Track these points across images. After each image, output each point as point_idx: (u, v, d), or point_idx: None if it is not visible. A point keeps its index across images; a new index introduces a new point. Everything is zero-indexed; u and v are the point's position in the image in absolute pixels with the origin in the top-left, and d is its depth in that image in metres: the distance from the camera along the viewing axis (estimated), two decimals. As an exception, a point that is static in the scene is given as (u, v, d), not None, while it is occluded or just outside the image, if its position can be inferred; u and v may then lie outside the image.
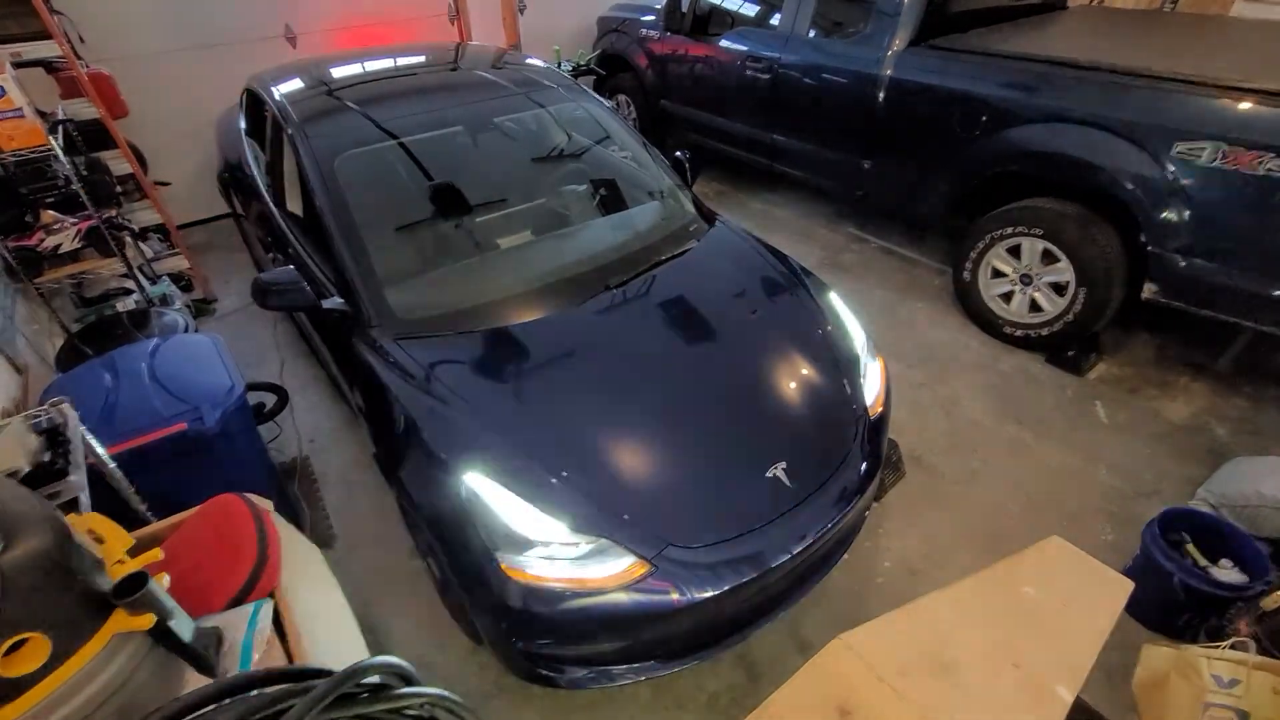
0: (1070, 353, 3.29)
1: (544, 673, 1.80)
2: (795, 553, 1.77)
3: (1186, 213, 2.67)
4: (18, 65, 2.92)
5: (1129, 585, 0.91)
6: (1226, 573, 2.03)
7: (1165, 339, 3.44)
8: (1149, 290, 2.91)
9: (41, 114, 2.77)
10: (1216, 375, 3.22)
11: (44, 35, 3.16)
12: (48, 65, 3.23)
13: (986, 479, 2.73)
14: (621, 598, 1.66)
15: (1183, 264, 2.74)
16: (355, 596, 2.25)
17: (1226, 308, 2.75)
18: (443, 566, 1.94)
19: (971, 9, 3.79)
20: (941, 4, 3.56)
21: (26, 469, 0.88)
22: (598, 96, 3.17)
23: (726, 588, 1.69)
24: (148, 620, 0.66)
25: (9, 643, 0.57)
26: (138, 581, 0.65)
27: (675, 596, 1.67)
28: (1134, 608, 2.20)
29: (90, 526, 0.74)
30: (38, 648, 0.58)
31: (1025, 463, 2.79)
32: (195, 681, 0.75)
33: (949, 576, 1.44)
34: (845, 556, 2.20)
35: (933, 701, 0.53)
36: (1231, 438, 2.89)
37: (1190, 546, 2.13)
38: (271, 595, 0.88)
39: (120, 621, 0.65)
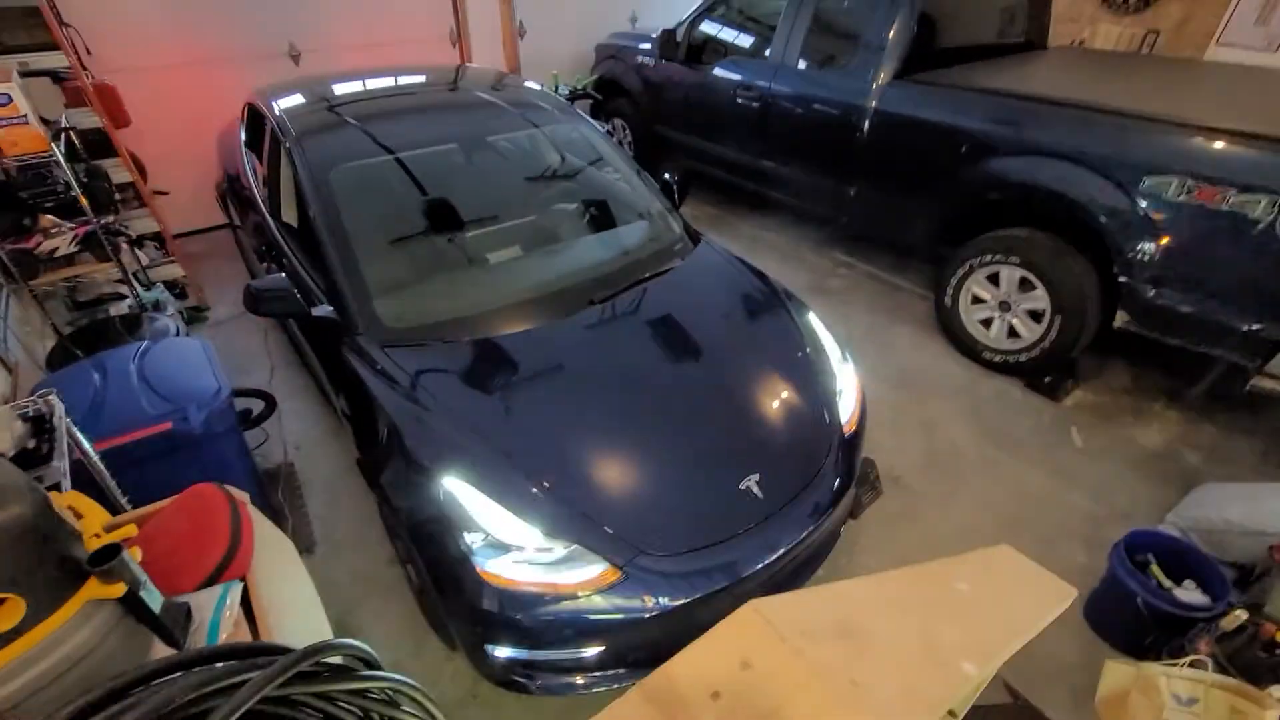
0: (1047, 379, 3.35)
1: (517, 679, 1.82)
2: (766, 563, 1.81)
3: (1155, 245, 2.76)
4: (25, 75, 3.00)
5: (1072, 592, 0.95)
6: (1189, 594, 2.07)
7: (1140, 367, 3.52)
8: (1121, 319, 2.99)
9: (46, 121, 2.83)
10: (1189, 403, 3.29)
11: (52, 46, 3.25)
12: (54, 75, 3.31)
13: (963, 500, 2.77)
14: (594, 603, 1.69)
15: (1152, 294, 2.82)
16: (334, 602, 2.27)
17: (1195, 338, 2.82)
18: (420, 572, 1.96)
19: (955, 46, 3.93)
20: (926, 40, 3.69)
21: (11, 453, 0.92)
22: (590, 120, 3.27)
23: (698, 595, 1.73)
24: (119, 589, 0.69)
25: (-14, 600, 0.60)
26: (111, 552, 0.69)
27: (647, 603, 1.70)
28: (1100, 626, 2.24)
29: (70, 503, 0.78)
30: (14, 608, 0.62)
31: (1001, 485, 2.84)
32: (162, 653, 0.78)
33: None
34: (819, 572, 2.24)
35: (830, 661, 0.56)
36: (1202, 464, 2.95)
37: (1155, 567, 2.17)
38: (243, 580, 0.92)
39: (93, 589, 0.68)
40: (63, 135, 3.01)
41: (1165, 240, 2.74)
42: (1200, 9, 4.70)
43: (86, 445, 1.16)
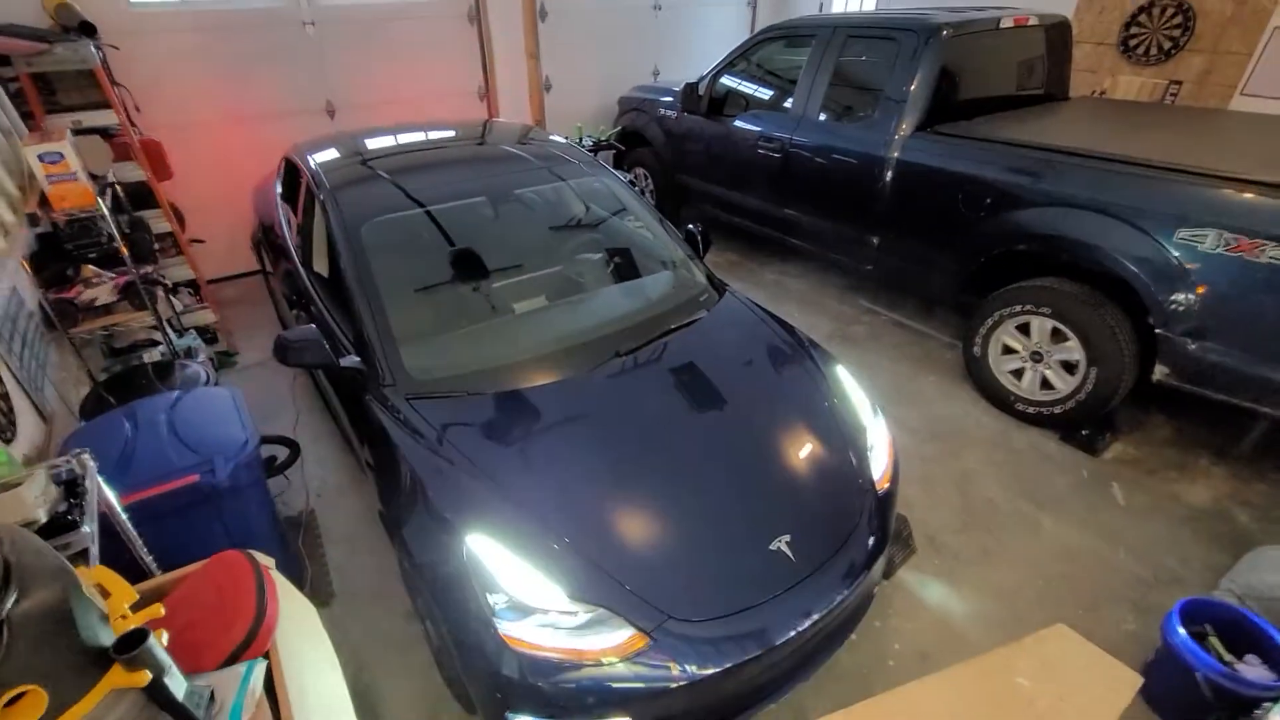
0: (1085, 432, 3.25)
1: (537, 749, 1.74)
2: (800, 630, 1.73)
3: (1193, 297, 2.69)
4: (77, 132, 3.14)
5: (1137, 680, 0.89)
6: (1254, 669, 1.94)
7: (1183, 420, 3.40)
8: (1160, 372, 2.90)
9: (94, 176, 2.95)
10: (1237, 459, 3.16)
11: (105, 105, 3.41)
12: (104, 132, 3.47)
13: (1001, 559, 2.65)
14: (619, 670, 1.62)
15: (1192, 346, 2.74)
16: (351, 658, 2.22)
17: (1239, 392, 2.72)
18: (440, 631, 1.91)
19: (976, 98, 3.97)
20: (947, 93, 3.73)
21: (44, 520, 0.91)
22: (614, 171, 3.32)
23: (728, 665, 1.65)
24: (144, 678, 0.67)
25: (9, 695, 0.58)
26: (138, 638, 0.67)
27: (675, 672, 1.63)
28: (1156, 702, 2.09)
29: (98, 580, 0.76)
30: (36, 701, 0.59)
31: (1041, 544, 2.72)
32: (183, 742, 0.74)
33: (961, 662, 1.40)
34: (853, 637, 2.14)
35: None
36: (1254, 525, 2.81)
37: (1214, 640, 2.04)
38: (266, 655, 0.88)
39: (117, 677, 0.66)
40: (109, 190, 3.12)
41: (1203, 292, 2.67)
42: (1223, 60, 4.72)
43: (116, 505, 1.15)
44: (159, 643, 0.69)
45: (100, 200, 2.83)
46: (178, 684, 0.72)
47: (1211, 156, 2.85)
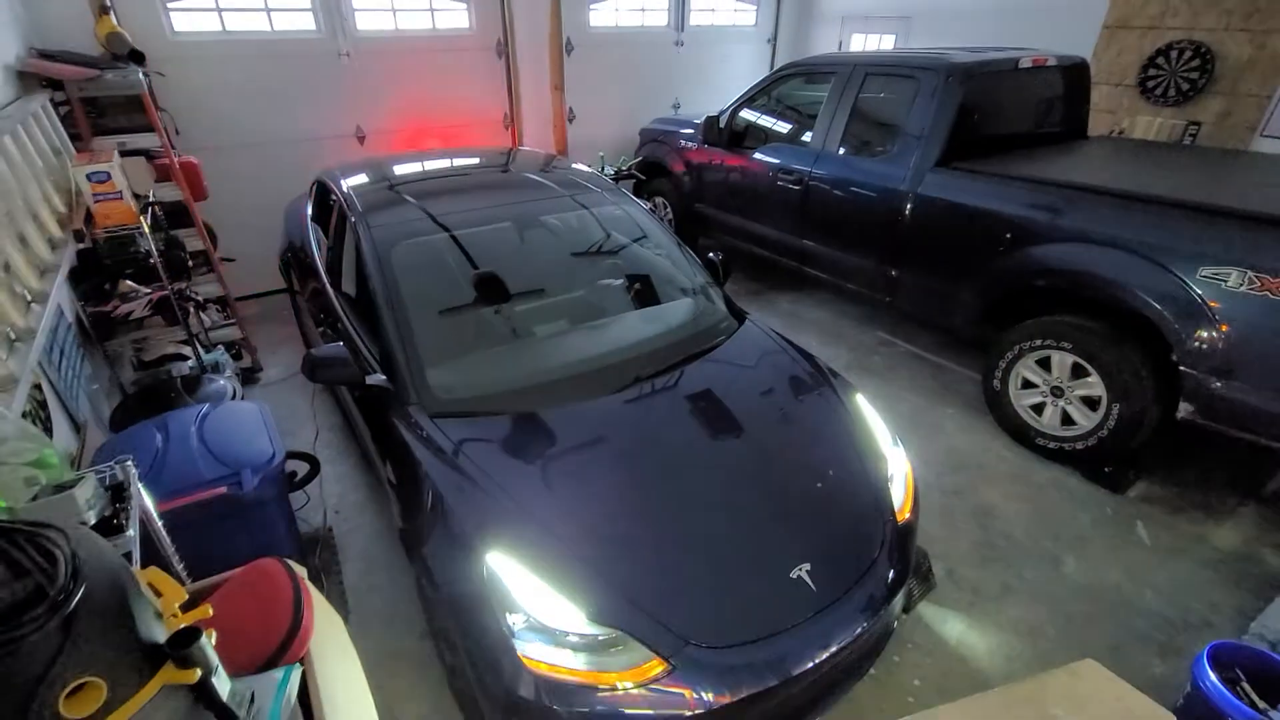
0: (1108, 469, 3.21)
1: (551, 774, 1.71)
2: (819, 661, 1.71)
3: (1217, 335, 2.67)
4: (122, 154, 3.27)
5: (1168, 717, 0.88)
6: (1289, 719, 1.87)
7: (1210, 460, 3.34)
8: (1184, 410, 2.86)
9: (136, 196, 3.06)
10: (1265, 500, 3.10)
11: (148, 128, 3.55)
12: (147, 154, 3.60)
13: (1023, 596, 2.60)
14: (636, 696, 1.61)
15: (1217, 385, 2.72)
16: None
17: (1266, 431, 2.68)
18: (456, 651, 1.91)
19: (994, 135, 4.01)
20: (966, 130, 3.78)
21: (93, 522, 0.94)
22: (636, 199, 3.39)
23: (745, 694, 1.63)
24: (194, 675, 0.68)
25: (72, 684, 0.60)
26: (190, 636, 0.69)
27: (691, 699, 1.61)
28: (1188, 752, 2.03)
29: (150, 580, 0.78)
30: (95, 692, 0.61)
31: (1062, 582, 2.67)
32: (224, 743, 0.75)
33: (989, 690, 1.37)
34: (872, 671, 2.11)
35: None
36: (1285, 569, 2.74)
37: (1245, 686, 1.99)
38: (301, 662, 0.90)
39: (169, 674, 0.68)
40: (149, 209, 3.23)
41: (1227, 330, 2.65)
42: (1242, 102, 4.75)
43: (154, 513, 1.18)
44: (209, 642, 0.71)
45: (141, 219, 2.92)
46: (223, 684, 0.73)
47: (1234, 195, 2.86)
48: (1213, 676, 1.94)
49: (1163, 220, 2.86)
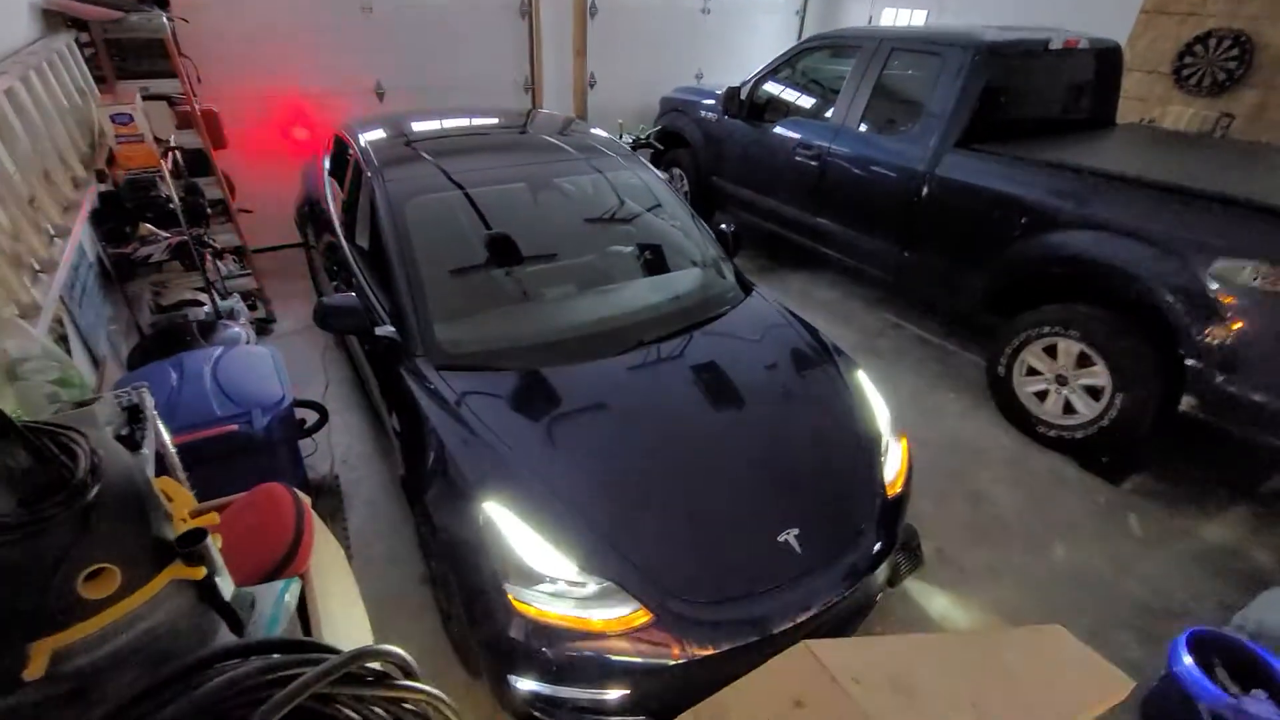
0: (1105, 459, 3.22)
1: (536, 714, 1.80)
2: (799, 621, 1.76)
3: (1226, 330, 2.66)
4: (145, 98, 3.30)
5: (1129, 683, 0.91)
6: (1259, 704, 1.92)
7: (1207, 456, 3.34)
8: (1187, 404, 2.86)
9: (158, 140, 3.09)
10: (1261, 498, 3.10)
11: (171, 74, 3.57)
12: (169, 99, 3.62)
13: (1008, 578, 2.65)
14: (621, 644, 1.67)
15: (1221, 380, 2.71)
16: (363, 615, 2.29)
17: (1267, 430, 2.68)
18: (451, 596, 1.99)
19: (1018, 119, 3.95)
20: (989, 112, 3.72)
21: (112, 438, 0.99)
22: (653, 167, 3.38)
23: (725, 648, 1.69)
24: (200, 572, 0.74)
25: (91, 568, 0.66)
26: (198, 535, 0.74)
27: (674, 650, 1.68)
28: (1156, 731, 2.08)
29: (162, 487, 0.84)
30: (110, 578, 0.67)
31: (1050, 566, 2.71)
32: (226, 639, 0.82)
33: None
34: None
35: (883, 712, 0.55)
36: (1275, 566, 2.76)
37: (1221, 671, 2.03)
38: (300, 577, 0.96)
39: (178, 570, 0.73)
40: (170, 154, 3.27)
41: (1237, 326, 2.64)
42: (1279, 95, 4.62)
43: (167, 438, 1.24)
44: (214, 545, 0.77)
45: (163, 163, 2.97)
46: (226, 585, 0.79)
47: (1256, 188, 2.81)
48: (1188, 659, 1.98)
49: (1181, 211, 2.83)
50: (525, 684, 1.76)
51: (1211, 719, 1.90)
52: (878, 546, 2.00)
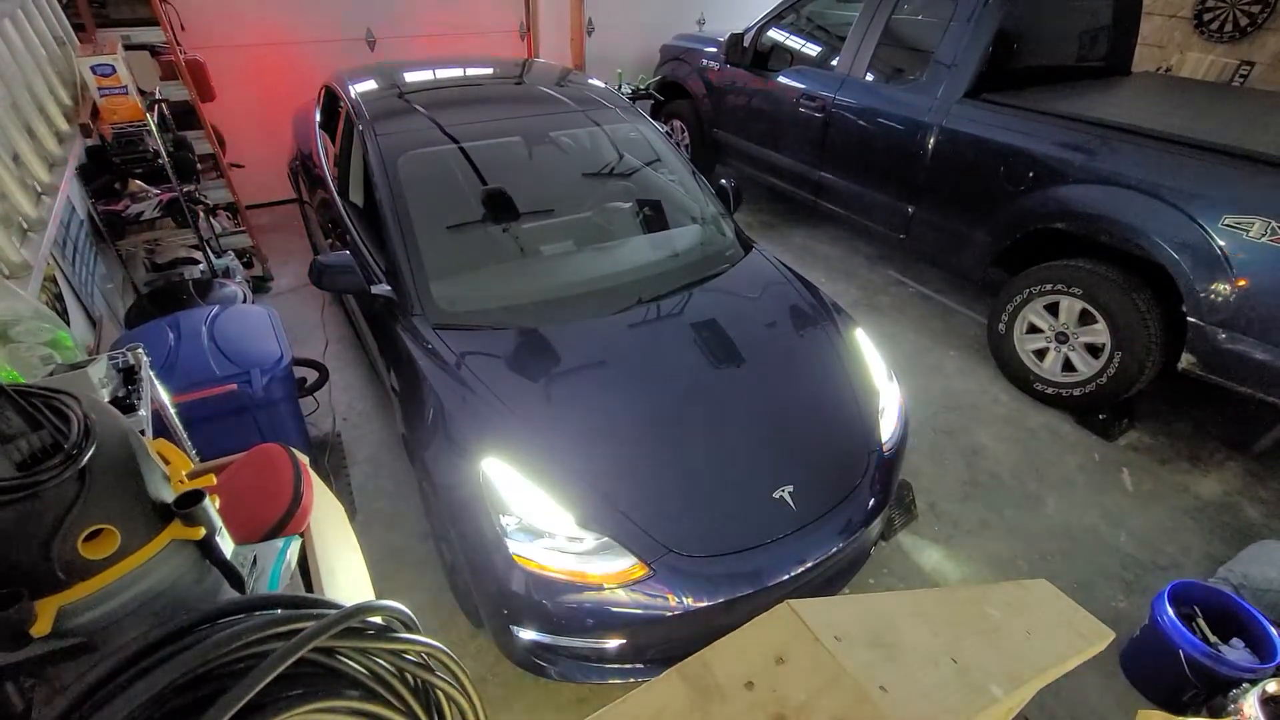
0: (1101, 416, 3.24)
1: (538, 662, 1.86)
2: (792, 575, 1.81)
3: (1230, 286, 2.64)
4: (126, 48, 3.19)
5: (1109, 635, 0.94)
6: (1236, 653, 1.98)
7: (1202, 412, 3.36)
8: (1186, 361, 2.86)
9: (142, 92, 3.01)
10: (1254, 455, 3.14)
11: (152, 22, 3.45)
12: (152, 49, 3.51)
13: (1000, 532, 2.70)
14: (618, 596, 1.72)
15: (1222, 337, 2.70)
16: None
17: (1266, 387, 2.69)
18: (454, 549, 2.03)
19: (1030, 66, 3.82)
20: (1001, 59, 3.60)
21: (107, 399, 0.99)
22: (652, 120, 3.30)
23: (721, 600, 1.74)
24: (199, 532, 0.75)
25: (89, 529, 0.67)
26: (195, 497, 0.75)
27: (670, 602, 1.73)
28: (1136, 676, 2.16)
29: (159, 449, 0.84)
30: (110, 539, 0.68)
31: (1042, 521, 2.76)
32: (229, 596, 0.84)
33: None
34: (846, 590, 2.22)
35: (863, 667, 0.57)
36: (1264, 520, 2.81)
37: (1201, 622, 2.09)
38: (300, 535, 0.98)
39: (177, 530, 0.74)
40: (156, 107, 3.19)
41: (1242, 283, 2.61)
42: (1301, 42, 4.47)
43: (165, 398, 1.25)
44: (212, 505, 0.78)
45: (149, 116, 2.89)
46: (226, 544, 0.81)
47: (1270, 141, 2.74)
48: (1170, 611, 2.04)
49: (1193, 164, 2.76)
50: (527, 634, 1.81)
51: (1189, 667, 1.97)
52: (872, 502, 2.03)
